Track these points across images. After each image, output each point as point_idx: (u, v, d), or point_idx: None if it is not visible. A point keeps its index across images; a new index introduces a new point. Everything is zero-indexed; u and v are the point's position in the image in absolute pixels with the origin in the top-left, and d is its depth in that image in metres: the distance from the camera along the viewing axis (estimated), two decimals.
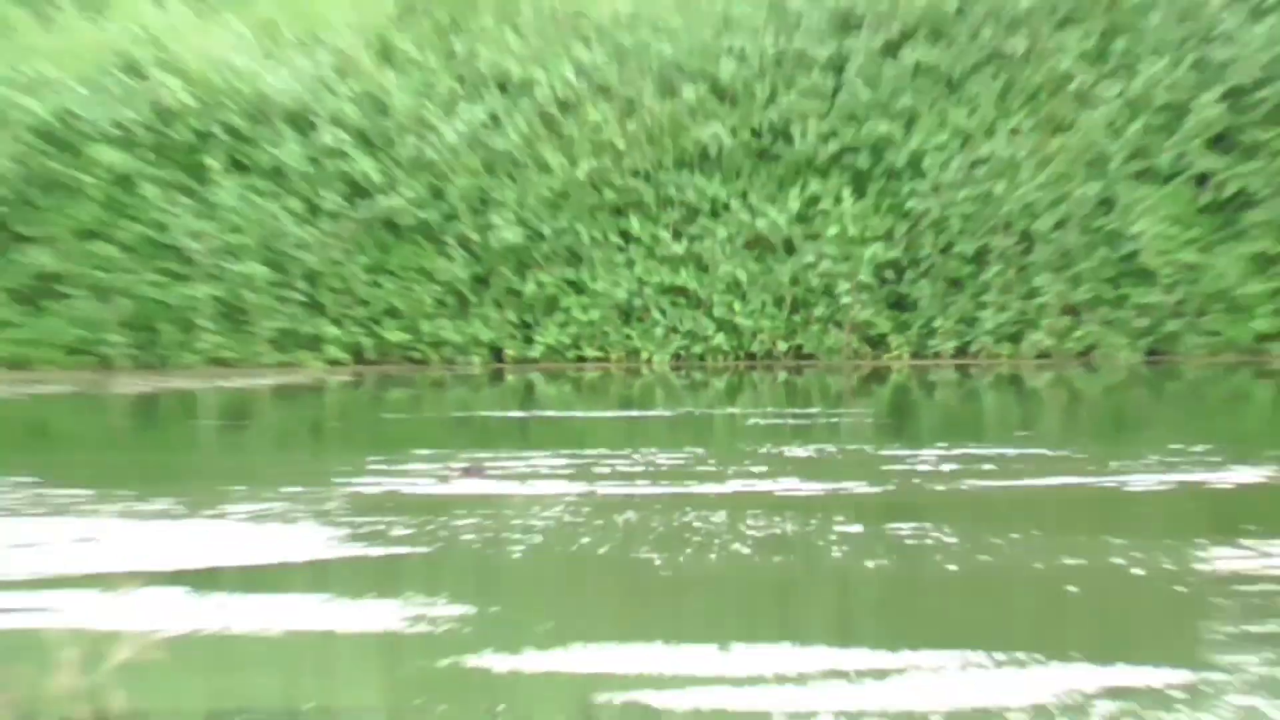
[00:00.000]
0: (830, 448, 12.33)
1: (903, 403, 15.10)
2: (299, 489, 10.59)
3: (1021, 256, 16.80)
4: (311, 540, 9.11)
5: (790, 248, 17.03)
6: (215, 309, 17.02)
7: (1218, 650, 7.23)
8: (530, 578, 8.69)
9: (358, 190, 16.99)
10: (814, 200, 17.09)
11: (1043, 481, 10.93)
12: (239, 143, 17.01)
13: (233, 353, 17.01)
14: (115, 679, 3.56)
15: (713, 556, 8.81)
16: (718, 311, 17.09)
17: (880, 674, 6.54)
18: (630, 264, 17.19)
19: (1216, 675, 6.81)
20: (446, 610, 7.75)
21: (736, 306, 17.04)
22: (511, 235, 16.89)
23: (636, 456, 11.81)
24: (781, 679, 6.51)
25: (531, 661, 6.90)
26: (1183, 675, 6.63)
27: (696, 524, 9.51)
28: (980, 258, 16.88)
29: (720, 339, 17.07)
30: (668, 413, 14.31)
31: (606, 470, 11.20)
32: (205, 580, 8.06)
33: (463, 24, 17.65)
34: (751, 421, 14.00)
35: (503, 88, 17.33)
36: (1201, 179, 16.60)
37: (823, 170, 17.07)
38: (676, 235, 17.21)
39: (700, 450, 12.33)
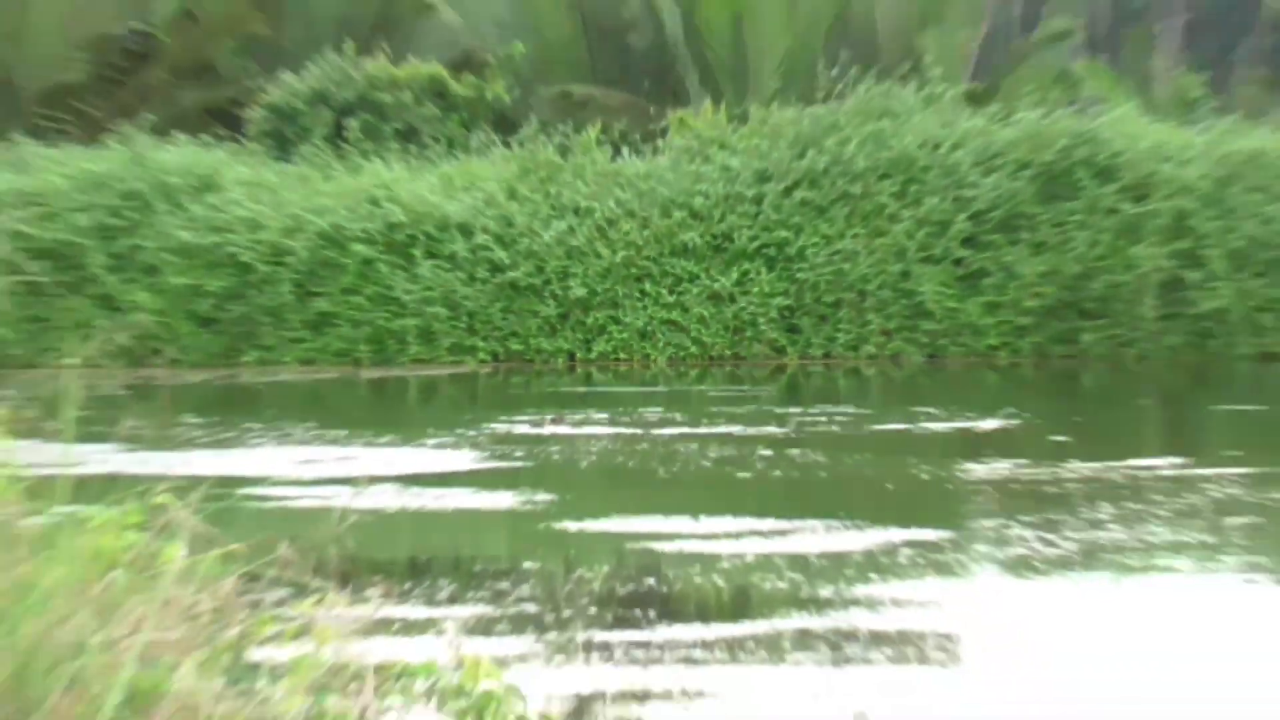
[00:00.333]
0: (755, 408, 12.31)
1: (794, 384, 15.03)
2: (461, 430, 10.61)
3: (859, 304, 16.68)
4: (468, 458, 9.13)
5: (732, 299, 16.91)
6: (416, 332, 16.95)
7: (968, 520, 7.23)
8: (588, 480, 8.71)
9: (496, 268, 16.91)
10: (745, 274, 16.97)
11: (873, 427, 10.94)
12: (432, 242, 16.94)
13: (426, 356, 16.94)
14: (356, 537, 3.55)
15: (690, 468, 8.81)
16: (693, 334, 16.96)
17: (782, 533, 6.55)
18: (645, 308, 17.08)
19: (967, 533, 6.81)
20: (542, 497, 7.75)
21: (703, 331, 16.93)
22: (581, 292, 16.81)
23: (647, 413, 11.81)
24: (726, 535, 6.53)
25: (589, 526, 6.92)
26: (949, 533, 6.63)
27: (680, 450, 9.51)
28: (836, 305, 16.75)
29: (694, 349, 16.95)
30: (665, 389, 14.26)
31: (630, 420, 11.21)
32: (409, 480, 8.08)
33: (554, 179, 17.65)
34: (711, 394, 13.96)
35: (575, 212, 17.25)
36: (958, 262, 16.54)
37: (750, 257, 16.96)
38: (670, 292, 17.10)
39: (682, 410, 12.32)
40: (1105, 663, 4.60)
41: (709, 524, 6.75)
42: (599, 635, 4.84)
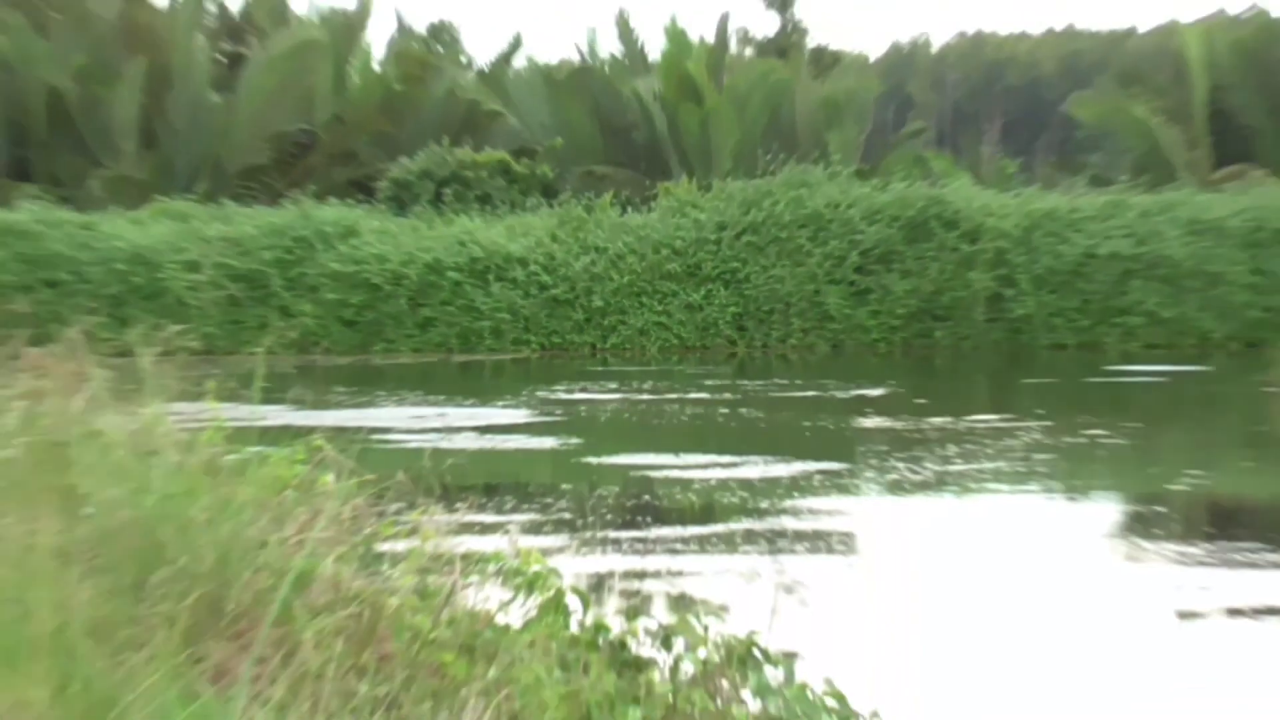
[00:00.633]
0: (716, 381, 12.22)
1: (742, 366, 14.91)
2: (519, 395, 10.54)
3: (786, 312, 16.42)
4: (524, 414, 9.05)
5: (701, 308, 16.68)
6: (490, 331, 16.71)
7: (861, 456, 7.18)
8: (605, 428, 8.65)
9: (543, 287, 16.68)
10: (710, 292, 16.73)
11: (796, 393, 10.85)
12: (500, 270, 16.63)
13: (497, 347, 16.71)
14: (451, 471, 3.47)
15: (673, 420, 8.75)
16: (674, 331, 16.71)
17: (734, 464, 6.50)
18: (643, 314, 16.78)
19: (859, 464, 6.76)
20: (574, 440, 7.67)
21: (682, 329, 16.67)
22: (600, 303, 16.58)
23: (644, 383, 11.73)
24: (697, 466, 6.47)
25: (605, 460, 6.87)
26: (846, 464, 6.58)
27: (667, 408, 9.46)
28: (770, 312, 16.49)
29: (676, 341, 16.71)
30: (655, 369, 14.14)
31: (633, 388, 11.13)
32: (485, 429, 8.02)
33: (582, 228, 17.30)
34: (687, 372, 13.85)
35: (596, 250, 16.97)
36: (852, 283, 16.36)
37: (713, 280, 16.71)
38: (659, 303, 16.88)
39: (669, 382, 12.21)
40: (951, 555, 4.59)
41: (686, 458, 6.70)
42: (611, 534, 4.82)
